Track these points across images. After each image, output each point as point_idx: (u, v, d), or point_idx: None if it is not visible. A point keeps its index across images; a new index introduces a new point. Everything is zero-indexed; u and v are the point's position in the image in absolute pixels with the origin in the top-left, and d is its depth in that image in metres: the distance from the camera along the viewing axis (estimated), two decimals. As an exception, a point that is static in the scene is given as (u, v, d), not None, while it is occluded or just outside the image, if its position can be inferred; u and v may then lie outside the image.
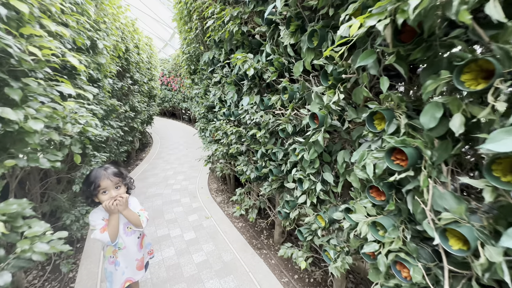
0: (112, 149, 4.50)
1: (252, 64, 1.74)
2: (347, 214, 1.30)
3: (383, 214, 1.11)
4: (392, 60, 0.88)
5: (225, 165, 3.69)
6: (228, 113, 2.80)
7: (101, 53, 2.37)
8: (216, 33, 2.25)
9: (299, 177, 1.65)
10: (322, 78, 1.27)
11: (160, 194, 4.76)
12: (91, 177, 1.44)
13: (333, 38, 1.23)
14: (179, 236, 3.40)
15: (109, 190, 1.44)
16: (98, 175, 1.44)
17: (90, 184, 1.42)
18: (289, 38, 1.49)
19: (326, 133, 1.35)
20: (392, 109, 0.99)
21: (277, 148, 1.97)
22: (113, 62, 3.42)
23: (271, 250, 3.17)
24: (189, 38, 3.31)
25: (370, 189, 1.14)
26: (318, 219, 1.66)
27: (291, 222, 2.14)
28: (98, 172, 1.46)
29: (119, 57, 4.11)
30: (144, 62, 5.92)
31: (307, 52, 1.35)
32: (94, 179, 1.43)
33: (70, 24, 1.59)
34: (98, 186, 1.42)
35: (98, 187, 1.42)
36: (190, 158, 7.18)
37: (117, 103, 3.88)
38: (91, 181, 1.42)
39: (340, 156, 1.42)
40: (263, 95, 2.10)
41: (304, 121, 1.46)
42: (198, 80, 4.00)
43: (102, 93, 2.97)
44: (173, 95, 13.15)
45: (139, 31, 5.28)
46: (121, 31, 4.02)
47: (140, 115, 5.95)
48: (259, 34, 1.99)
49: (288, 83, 1.55)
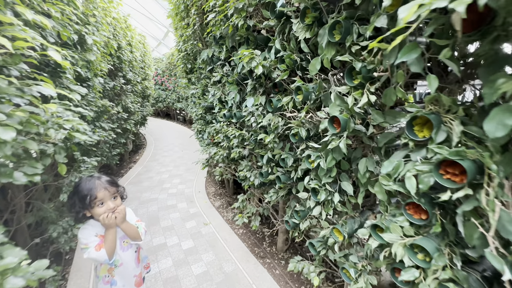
0: (104, 152, 4.26)
1: (260, 62, 1.57)
2: (375, 232, 1.14)
3: (422, 235, 0.96)
4: (447, 55, 0.72)
5: (225, 169, 3.51)
6: (229, 114, 2.62)
7: (91, 50, 2.16)
8: (217, 28, 2.07)
9: (313, 187, 1.48)
10: (347, 77, 1.11)
11: (156, 199, 4.54)
12: (84, 188, 1.27)
13: (359, 31, 1.07)
14: (177, 245, 3.21)
15: (106, 201, 1.30)
16: (93, 185, 1.29)
17: (85, 197, 1.25)
18: (305, 32, 1.33)
19: (348, 139, 1.19)
20: (438, 113, 0.84)
21: (286, 153, 1.80)
22: (104, 60, 3.19)
23: (275, 258, 3.01)
24: (186, 35, 3.12)
25: (406, 206, 0.98)
26: (335, 233, 1.51)
27: (300, 233, 1.98)
28: (92, 182, 1.30)
29: (111, 55, 3.88)
30: (138, 61, 5.67)
31: (327, 48, 1.18)
32: (89, 190, 1.27)
33: (53, 15, 1.39)
34: (95, 198, 1.26)
35: (95, 199, 1.26)
36: (186, 160, 6.95)
37: (109, 104, 3.65)
38: (84, 193, 1.26)
39: (362, 165, 1.27)
40: (269, 96, 1.93)
41: (321, 126, 1.29)
42: (195, 80, 3.81)
43: (93, 93, 2.75)
44: (167, 95, 12.85)
45: (132, 28, 5.04)
46: (112, 27, 3.79)
47: (134, 116, 5.70)
48: (266, 29, 1.82)
49: (302, 82, 1.39)
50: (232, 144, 2.41)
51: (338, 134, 1.21)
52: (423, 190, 0.84)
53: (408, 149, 0.98)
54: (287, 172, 1.94)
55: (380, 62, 0.98)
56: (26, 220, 2.35)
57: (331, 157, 1.36)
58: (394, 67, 0.96)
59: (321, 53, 1.27)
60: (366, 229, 1.19)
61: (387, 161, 1.03)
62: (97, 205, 1.28)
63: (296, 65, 1.51)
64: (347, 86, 1.13)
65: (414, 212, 0.97)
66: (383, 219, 1.12)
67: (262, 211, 2.76)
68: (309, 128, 1.53)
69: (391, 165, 1.00)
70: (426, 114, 0.83)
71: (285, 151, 1.86)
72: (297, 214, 1.89)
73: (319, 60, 1.27)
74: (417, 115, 0.88)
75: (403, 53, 0.81)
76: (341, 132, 1.19)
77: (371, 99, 0.99)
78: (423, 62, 0.83)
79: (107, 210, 1.29)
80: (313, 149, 1.52)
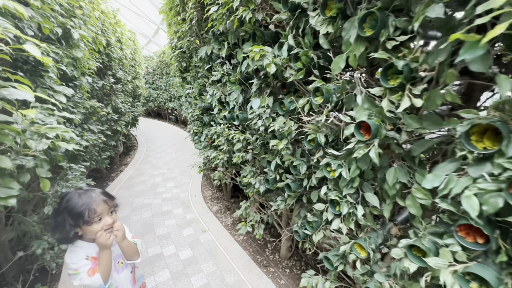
0: (92, 156, 4.00)
1: (273, 60, 1.41)
2: (412, 253, 1.01)
3: (476, 260, 0.83)
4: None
5: (224, 173, 3.34)
6: (230, 116, 2.45)
7: (77, 46, 1.94)
8: (220, 22, 1.89)
9: (333, 199, 1.34)
10: (382, 77, 0.96)
11: (149, 204, 4.31)
12: (79, 202, 1.10)
13: (396, 24, 0.93)
14: (174, 254, 3.01)
15: (103, 216, 1.16)
16: (91, 198, 1.13)
17: (81, 213, 1.08)
18: (326, 26, 1.17)
19: (379, 148, 1.05)
20: (505, 122, 0.70)
21: (298, 160, 1.65)
22: (93, 58, 2.95)
23: (279, 267, 2.87)
24: (181, 30, 2.92)
25: (457, 227, 0.85)
26: (356, 248, 1.37)
27: (312, 245, 1.84)
28: (89, 195, 1.14)
29: (100, 52, 3.62)
30: (128, 59, 5.39)
31: (356, 43, 1.04)
32: (87, 204, 1.10)
33: (32, 2, 1.18)
34: (95, 212, 1.11)
35: (94, 213, 1.11)
36: (180, 162, 6.71)
37: (98, 105, 3.41)
38: (81, 209, 1.09)
39: (391, 175, 1.13)
40: (279, 97, 1.77)
41: (346, 131, 1.15)
42: (191, 79, 3.60)
43: (80, 94, 2.51)
44: (158, 94, 12.49)
45: (122, 24, 4.76)
46: (101, 22, 3.53)
47: (124, 116, 5.43)
48: (275, 23, 1.66)
49: (322, 82, 1.24)
50: (235, 148, 2.24)
51: (368, 142, 1.07)
52: (488, 212, 0.70)
53: (458, 160, 0.84)
54: (298, 180, 1.79)
55: (425, 60, 0.84)
56: (6, 235, 2.11)
57: (355, 166, 1.22)
58: (445, 66, 0.82)
59: (345, 50, 1.12)
60: (400, 249, 1.05)
61: (431, 174, 0.89)
62: (96, 221, 1.13)
63: (312, 63, 1.36)
64: (381, 88, 0.99)
65: (466, 234, 0.83)
66: (421, 239, 0.99)
67: (266, 219, 2.61)
68: (327, 133, 1.38)
69: (437, 179, 0.86)
70: (493, 123, 0.69)
71: (297, 157, 1.71)
72: (309, 225, 1.75)
73: (344, 58, 1.13)
74: (475, 123, 0.74)
75: (467, 49, 0.67)
76: (371, 139, 1.05)
77: (415, 103, 0.84)
78: (489, 59, 0.69)
79: (105, 226, 1.16)
80: (332, 157, 1.37)
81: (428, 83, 0.92)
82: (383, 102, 0.97)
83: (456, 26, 0.79)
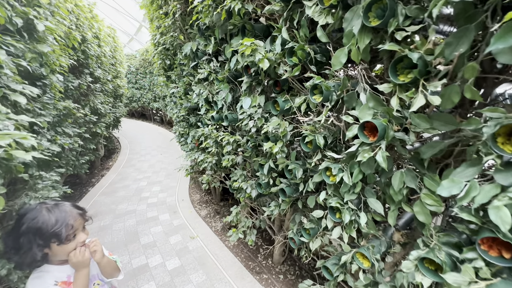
0: (69, 161, 3.70)
1: (266, 55, 1.28)
2: (424, 267, 0.91)
3: (500, 277, 0.74)
4: None
5: (213, 176, 3.18)
6: (218, 117, 2.30)
7: (44, 40, 1.72)
8: (205, 15, 1.74)
9: (334, 206, 1.23)
10: (391, 72, 0.86)
11: (133, 211, 4.06)
12: (49, 219, 0.95)
13: (406, 13, 0.83)
14: (160, 265, 2.82)
15: (78, 233, 1.04)
16: (64, 213, 1.00)
17: (56, 231, 0.94)
18: (325, 17, 1.06)
19: (386, 151, 0.95)
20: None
21: (294, 163, 1.54)
22: (65, 54, 2.69)
23: (272, 273, 2.75)
24: (164, 25, 2.72)
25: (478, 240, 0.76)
26: (359, 258, 1.28)
27: (309, 253, 1.74)
28: (62, 209, 1.00)
29: (74, 49, 3.34)
30: (107, 57, 5.08)
31: (361, 35, 0.93)
32: (62, 220, 0.97)
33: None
34: (71, 228, 0.99)
35: (71, 228, 0.99)
36: (166, 164, 6.45)
37: (73, 106, 3.13)
38: (55, 226, 0.94)
39: (397, 180, 1.04)
40: (271, 96, 1.65)
41: (349, 133, 1.04)
42: (176, 78, 3.41)
43: (50, 94, 2.27)
44: (142, 94, 12.02)
45: (99, 19, 4.46)
46: (75, 16, 3.26)
47: (105, 118, 5.11)
48: (266, 16, 1.53)
49: (321, 79, 1.13)
50: (225, 151, 2.09)
51: (374, 144, 0.97)
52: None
53: (478, 165, 0.76)
54: (293, 184, 1.68)
55: (442, 52, 0.75)
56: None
57: (358, 170, 1.11)
58: (464, 58, 0.73)
59: (347, 43, 1.01)
60: (411, 261, 0.96)
61: (448, 181, 0.80)
62: (72, 237, 1.00)
63: (308, 58, 1.25)
64: (389, 84, 0.89)
65: (489, 247, 0.75)
66: (434, 250, 0.90)
67: (258, 224, 2.48)
68: (325, 135, 1.27)
69: (455, 186, 0.77)
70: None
71: (291, 160, 1.60)
72: (305, 232, 1.64)
73: (345, 52, 1.02)
74: (504, 124, 0.65)
75: (501, 37, 0.57)
76: (378, 141, 0.95)
77: (432, 100, 0.74)
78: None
79: (79, 244, 1.03)
80: (332, 160, 1.27)
81: (440, 79, 0.83)
82: (393, 100, 0.87)
83: (477, 13, 0.70)
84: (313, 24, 1.45)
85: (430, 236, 1.00)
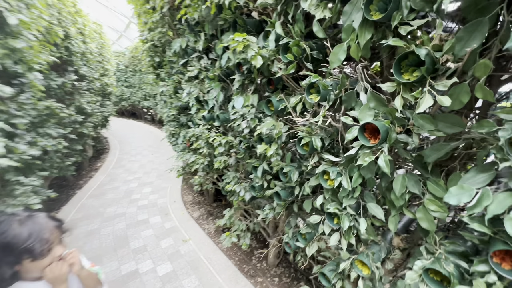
0: (54, 164, 3.52)
1: (259, 51, 1.20)
2: (429, 277, 0.86)
3: (513, 291, 0.69)
4: None
5: (206, 178, 3.08)
6: (209, 116, 2.20)
7: (17, 34, 1.58)
8: (194, 9, 1.64)
9: (332, 212, 1.17)
10: (395, 70, 0.79)
11: (123, 214, 3.92)
12: (22, 233, 0.85)
13: (411, 6, 0.76)
14: (151, 271, 2.72)
15: (54, 246, 0.94)
16: (38, 226, 0.90)
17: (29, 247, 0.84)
18: (322, 10, 0.98)
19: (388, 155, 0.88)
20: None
21: (289, 165, 1.47)
22: (46, 50, 2.53)
23: (267, 276, 2.69)
24: (151, 21, 2.60)
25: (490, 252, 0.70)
26: (358, 265, 1.22)
27: (305, 258, 1.68)
28: (34, 222, 0.90)
29: (56, 45, 3.16)
30: (94, 54, 4.87)
31: (361, 29, 0.86)
32: (36, 234, 0.87)
33: None
34: (47, 242, 0.89)
35: (46, 243, 0.89)
36: (157, 164, 6.29)
37: (56, 106, 2.97)
38: (27, 241, 0.84)
39: (399, 184, 0.98)
40: (265, 95, 1.57)
41: (348, 135, 0.97)
42: (165, 75, 3.28)
43: (29, 93, 2.12)
44: (132, 93, 11.73)
45: (84, 14, 4.26)
46: (57, 10, 3.08)
47: (92, 117, 4.91)
48: (258, 10, 1.45)
49: (319, 77, 1.05)
50: (217, 152, 2.00)
51: (376, 147, 0.90)
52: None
53: (489, 171, 0.70)
54: (288, 187, 1.61)
55: (452, 48, 0.68)
56: None
57: (357, 174, 1.05)
58: (476, 55, 0.66)
59: (345, 39, 0.94)
60: (415, 272, 0.90)
61: (456, 188, 0.74)
62: (47, 252, 0.90)
63: (304, 55, 1.17)
64: (393, 83, 0.82)
65: (501, 260, 0.69)
66: (439, 260, 0.84)
67: (252, 227, 2.41)
68: (322, 136, 1.20)
69: (465, 193, 0.71)
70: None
71: (287, 162, 1.52)
72: (301, 237, 1.58)
73: (344, 48, 0.94)
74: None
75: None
76: (379, 144, 0.88)
77: (441, 101, 0.68)
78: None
79: (55, 258, 0.93)
80: (329, 163, 1.20)
81: (448, 77, 0.76)
82: (396, 100, 0.80)
83: (491, 5, 0.63)
84: (307, 20, 1.38)
85: (434, 244, 0.94)
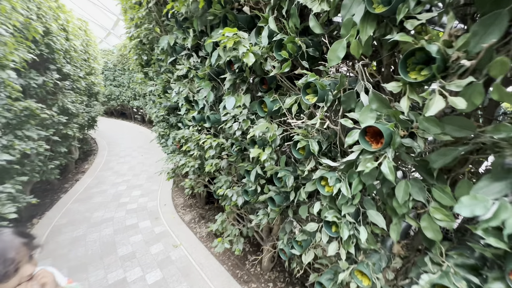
0: (35, 167, 3.34)
1: (251, 48, 1.11)
2: (438, 294, 0.80)
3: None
4: None
5: (197, 181, 2.97)
6: (199, 117, 2.10)
7: (-15, 28, 1.44)
8: (181, 3, 1.53)
9: (331, 220, 1.09)
10: (401, 69, 0.72)
11: (111, 218, 3.76)
12: None
13: (418, -3, 0.69)
14: (140, 279, 2.59)
15: (22, 265, 0.86)
16: (2, 244, 0.82)
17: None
18: (319, 3, 0.90)
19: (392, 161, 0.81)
20: None
21: (283, 170, 1.39)
22: (23, 48, 2.36)
23: (261, 281, 2.61)
24: (138, 16, 2.46)
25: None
26: (357, 276, 1.15)
27: (301, 266, 1.60)
28: None
29: (36, 42, 2.98)
30: (78, 51, 4.66)
31: (363, 24, 0.78)
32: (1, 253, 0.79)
33: None
34: (12, 262, 0.81)
35: (11, 263, 0.80)
36: (147, 166, 6.11)
37: (36, 106, 2.79)
38: None
39: (402, 191, 0.91)
40: (256, 95, 1.48)
41: (348, 139, 0.90)
42: (154, 74, 3.15)
43: (4, 93, 1.96)
44: (121, 92, 11.41)
45: (67, 9, 4.05)
46: (36, 4, 2.90)
47: (77, 118, 4.70)
48: (250, 5, 1.36)
49: (316, 76, 0.97)
50: (207, 155, 1.91)
51: (379, 152, 0.83)
52: None
53: (507, 179, 0.64)
54: (283, 192, 1.53)
55: (466, 44, 0.61)
56: None
57: (358, 181, 0.98)
58: (492, 51, 0.60)
59: (345, 35, 0.87)
60: (421, 286, 0.83)
61: (469, 198, 0.68)
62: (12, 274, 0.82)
63: (299, 52, 1.09)
64: (398, 83, 0.75)
65: (519, 276, 0.63)
66: (448, 274, 0.78)
67: (246, 232, 2.32)
68: (320, 139, 1.13)
69: (479, 204, 0.65)
70: None
71: (281, 166, 1.44)
72: (297, 244, 1.50)
73: (344, 44, 0.87)
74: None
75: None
76: (383, 149, 0.81)
77: (454, 103, 0.61)
78: None
79: (24, 278, 0.85)
80: (327, 168, 1.13)
81: (460, 76, 0.70)
82: (402, 101, 0.73)
83: (509, -4, 0.56)
84: (302, 15, 1.30)
85: (440, 255, 0.88)
